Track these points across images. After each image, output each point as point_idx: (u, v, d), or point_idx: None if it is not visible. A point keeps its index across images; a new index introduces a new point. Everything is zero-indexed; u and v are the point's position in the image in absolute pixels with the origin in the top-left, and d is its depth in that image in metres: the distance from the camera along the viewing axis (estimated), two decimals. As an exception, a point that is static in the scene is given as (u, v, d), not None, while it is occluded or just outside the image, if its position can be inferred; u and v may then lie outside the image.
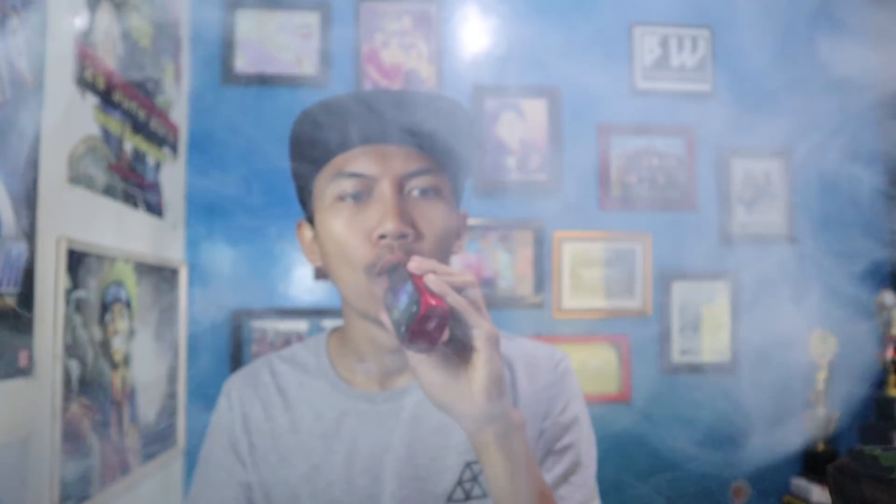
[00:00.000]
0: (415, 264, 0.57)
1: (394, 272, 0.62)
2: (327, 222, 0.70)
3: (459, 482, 0.73)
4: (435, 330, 0.53)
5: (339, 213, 0.69)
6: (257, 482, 0.76)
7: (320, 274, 0.70)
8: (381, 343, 0.74)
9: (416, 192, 0.70)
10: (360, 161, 0.69)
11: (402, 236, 0.66)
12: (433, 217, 0.69)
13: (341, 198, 0.70)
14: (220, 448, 0.80)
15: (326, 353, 0.81)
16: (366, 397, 0.77)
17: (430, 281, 0.55)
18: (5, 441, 0.95)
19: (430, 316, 0.53)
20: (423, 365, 0.58)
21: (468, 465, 0.74)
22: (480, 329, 0.55)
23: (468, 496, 0.73)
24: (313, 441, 0.75)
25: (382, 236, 0.66)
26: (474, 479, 0.74)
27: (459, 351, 0.57)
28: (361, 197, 0.69)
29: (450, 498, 0.73)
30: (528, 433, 0.73)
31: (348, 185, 0.69)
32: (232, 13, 1.92)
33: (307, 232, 0.78)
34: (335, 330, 0.84)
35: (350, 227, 0.68)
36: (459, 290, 0.56)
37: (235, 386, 0.81)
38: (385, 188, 0.68)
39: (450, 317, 0.54)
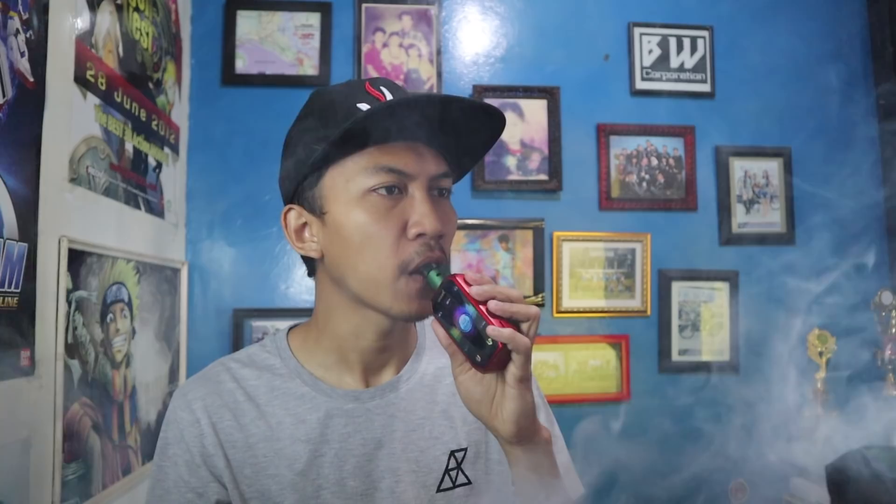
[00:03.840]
0: (478, 289, 0.61)
1: (447, 290, 0.63)
2: (354, 213, 0.68)
3: (446, 471, 0.75)
4: (502, 362, 0.60)
5: (371, 205, 0.68)
6: (237, 497, 0.71)
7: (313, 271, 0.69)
8: (373, 337, 0.74)
9: (435, 193, 0.71)
10: (399, 157, 0.68)
11: (440, 236, 0.68)
12: (451, 217, 0.73)
13: (373, 190, 0.68)
14: (184, 467, 0.72)
15: (292, 354, 0.77)
16: (352, 396, 0.75)
17: (499, 305, 0.60)
18: (7, 441, 0.95)
19: (504, 353, 0.59)
20: (465, 377, 0.64)
21: (452, 453, 0.76)
22: (517, 369, 0.61)
23: (455, 484, 0.75)
24: (297, 447, 0.72)
25: (421, 234, 0.67)
26: (458, 466, 0.75)
27: (497, 377, 0.63)
28: (393, 192, 0.68)
29: (439, 488, 0.74)
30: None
31: (385, 179, 0.68)
32: (232, 13, 1.92)
33: (295, 218, 0.74)
34: (293, 329, 0.81)
35: (384, 221, 0.67)
36: (520, 321, 0.61)
37: (197, 395, 0.74)
38: (420, 187, 0.69)
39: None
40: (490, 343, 0.59)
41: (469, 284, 0.61)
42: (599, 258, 2.00)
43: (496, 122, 0.72)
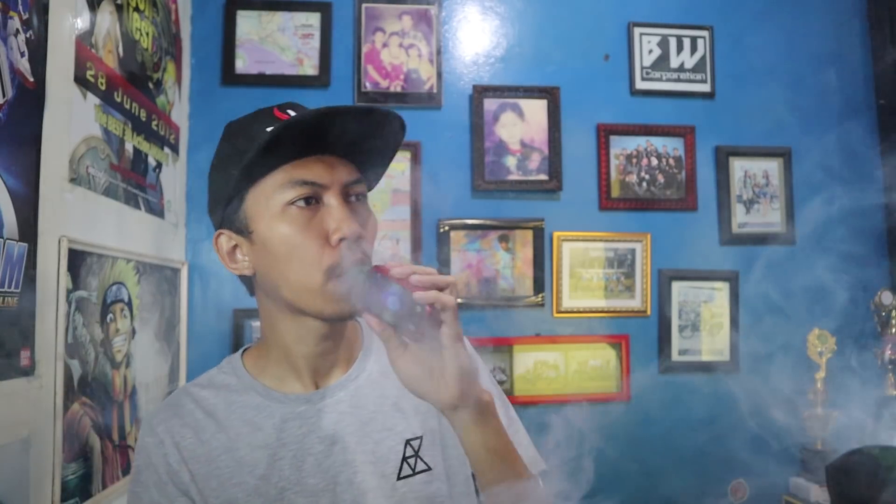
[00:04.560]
0: (398, 270, 0.65)
1: (372, 279, 0.67)
2: (277, 227, 0.73)
3: (404, 459, 0.79)
4: (434, 325, 0.64)
5: (293, 218, 0.72)
6: None
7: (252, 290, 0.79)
8: (315, 341, 0.78)
9: (353, 199, 0.76)
10: (311, 170, 0.73)
11: (360, 238, 0.73)
12: (369, 220, 0.77)
13: (291, 203, 0.72)
14: (154, 488, 0.76)
15: (246, 371, 0.83)
16: (303, 399, 0.79)
17: (420, 278, 0.64)
18: (7, 441, 0.95)
19: (434, 313, 0.63)
20: (402, 360, 0.66)
21: (408, 442, 0.80)
22: (449, 328, 0.64)
23: (414, 471, 0.79)
24: (256, 454, 0.76)
25: (342, 239, 0.72)
26: (416, 454, 0.80)
27: (431, 346, 0.66)
28: (311, 203, 0.73)
29: (399, 476, 0.78)
30: None
31: (301, 192, 0.72)
32: (232, 13, 1.92)
33: (226, 241, 0.78)
34: (247, 349, 0.87)
35: (306, 231, 0.72)
36: (442, 289, 0.64)
37: (159, 420, 0.79)
38: (335, 195, 0.74)
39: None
40: (419, 310, 0.63)
41: (389, 269, 0.66)
42: (599, 258, 2.00)
43: (394, 124, 0.76)
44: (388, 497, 0.77)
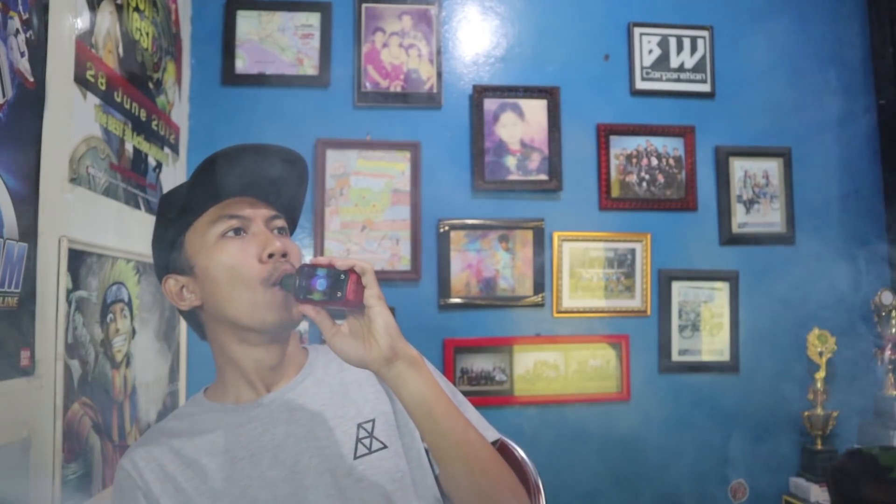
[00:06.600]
0: (321, 258, 0.77)
1: (300, 273, 0.77)
2: (216, 256, 0.85)
3: (358, 440, 0.86)
4: (359, 289, 0.74)
5: (227, 246, 0.85)
6: None
7: (202, 331, 0.92)
8: (262, 355, 0.87)
9: (275, 231, 0.89)
10: (236, 206, 0.87)
11: (285, 254, 0.84)
12: (291, 245, 0.88)
13: (224, 234, 0.85)
14: None
15: (206, 399, 0.92)
16: (256, 404, 0.88)
17: (339, 259, 0.75)
18: (7, 441, 0.95)
19: (356, 279, 0.74)
20: (337, 336, 0.77)
21: (359, 425, 0.87)
22: (371, 289, 0.75)
23: (370, 450, 0.85)
24: (217, 459, 0.84)
25: (270, 255, 0.83)
26: (370, 434, 0.87)
27: (358, 315, 0.76)
28: (240, 232, 0.86)
29: (356, 456, 0.85)
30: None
31: (230, 224, 0.86)
32: (232, 13, 1.92)
33: (173, 284, 0.89)
34: (207, 388, 0.96)
35: (241, 253, 0.84)
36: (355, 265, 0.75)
37: (131, 450, 0.87)
38: (260, 224, 0.87)
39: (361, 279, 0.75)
40: (343, 277, 0.73)
41: (314, 262, 0.77)
42: (599, 258, 2.00)
43: (294, 165, 0.90)
44: (347, 475, 0.83)
